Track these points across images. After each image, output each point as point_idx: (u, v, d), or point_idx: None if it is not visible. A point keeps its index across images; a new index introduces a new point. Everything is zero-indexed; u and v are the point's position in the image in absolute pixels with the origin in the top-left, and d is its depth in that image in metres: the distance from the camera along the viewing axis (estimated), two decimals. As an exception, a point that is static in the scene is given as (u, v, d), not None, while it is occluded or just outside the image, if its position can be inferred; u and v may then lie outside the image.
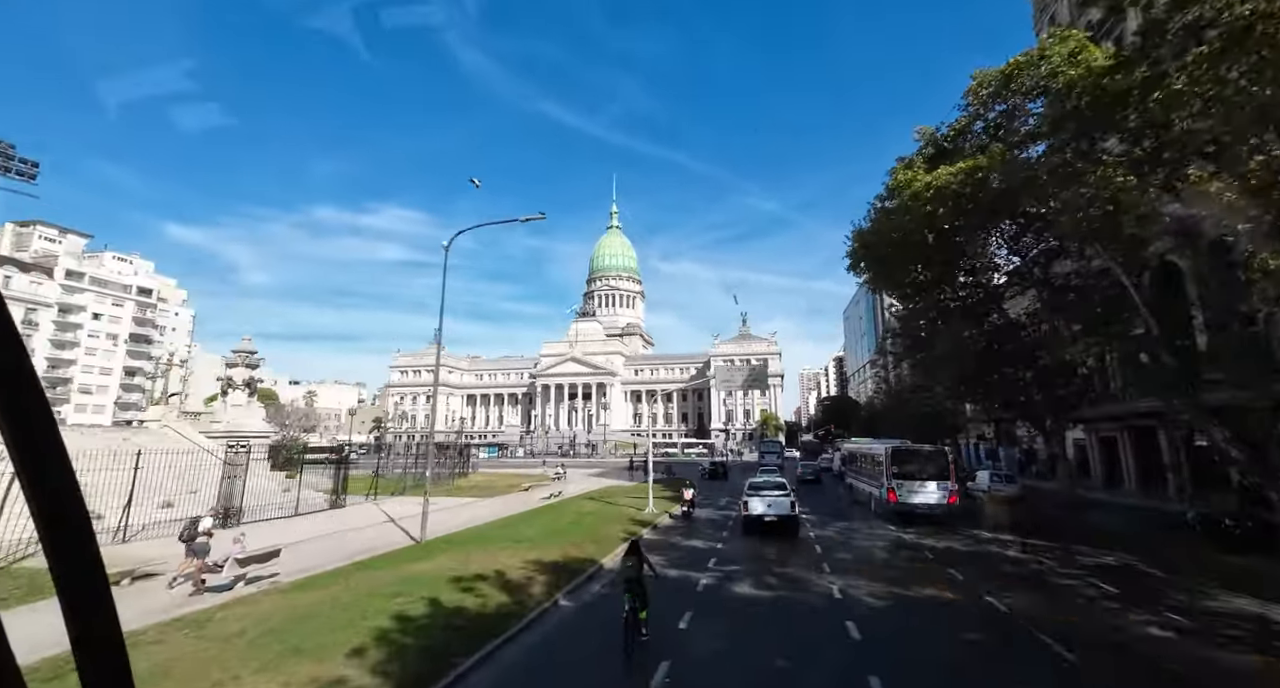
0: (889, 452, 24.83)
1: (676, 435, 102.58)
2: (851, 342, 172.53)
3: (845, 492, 33.42)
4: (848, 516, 25.81)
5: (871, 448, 28.01)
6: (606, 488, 34.12)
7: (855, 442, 33.60)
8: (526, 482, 35.82)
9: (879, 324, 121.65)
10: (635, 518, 22.06)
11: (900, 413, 43.66)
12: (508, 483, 35.62)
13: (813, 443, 72.35)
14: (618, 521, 21.43)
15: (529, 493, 29.93)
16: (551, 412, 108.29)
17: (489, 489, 32.23)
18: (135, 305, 77.47)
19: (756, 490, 19.93)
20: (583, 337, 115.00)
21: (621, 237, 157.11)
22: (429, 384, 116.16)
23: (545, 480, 36.93)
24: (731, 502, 27.20)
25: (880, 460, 25.56)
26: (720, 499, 29.75)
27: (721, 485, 37.03)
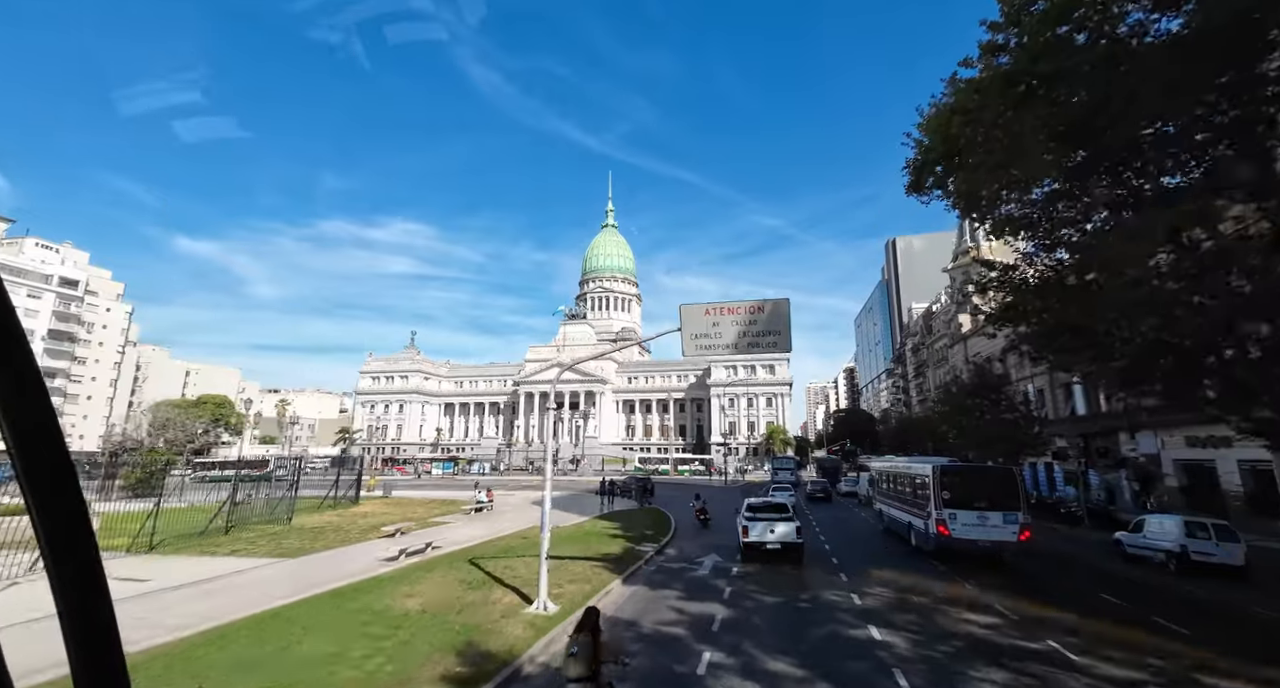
0: (936, 473, 19.71)
1: (674, 450, 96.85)
2: (863, 351, 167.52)
3: (875, 519, 28.13)
4: (881, 552, 21.20)
5: (911, 468, 22.67)
6: (527, 533, 21.32)
7: (888, 461, 28.03)
8: (436, 510, 28.50)
9: (896, 330, 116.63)
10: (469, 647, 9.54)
11: (946, 424, 37.22)
12: (398, 516, 25.25)
13: (830, 460, 65.53)
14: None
15: (391, 541, 19.10)
16: (535, 423, 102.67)
17: (339, 534, 21.29)
18: (57, 299, 72.07)
19: (756, 513, 18.96)
20: (571, 341, 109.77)
21: (617, 235, 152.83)
22: (403, 392, 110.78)
23: (457, 509, 28.73)
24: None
25: (924, 483, 20.45)
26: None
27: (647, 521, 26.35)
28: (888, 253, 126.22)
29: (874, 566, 18.20)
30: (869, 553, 20.87)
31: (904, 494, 23.36)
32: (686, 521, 26.28)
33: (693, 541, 21.95)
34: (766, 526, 17.81)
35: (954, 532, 18.76)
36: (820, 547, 21.41)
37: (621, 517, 27.32)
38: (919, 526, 20.81)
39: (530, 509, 29.45)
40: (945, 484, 19.43)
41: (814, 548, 20.87)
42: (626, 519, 26.36)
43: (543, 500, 13.10)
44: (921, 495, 20.85)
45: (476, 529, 22.86)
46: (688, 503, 31.13)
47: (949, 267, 71.77)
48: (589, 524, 24.83)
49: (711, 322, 11.25)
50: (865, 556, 20.15)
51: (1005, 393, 28.26)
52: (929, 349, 78.67)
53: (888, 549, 21.76)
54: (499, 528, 23.07)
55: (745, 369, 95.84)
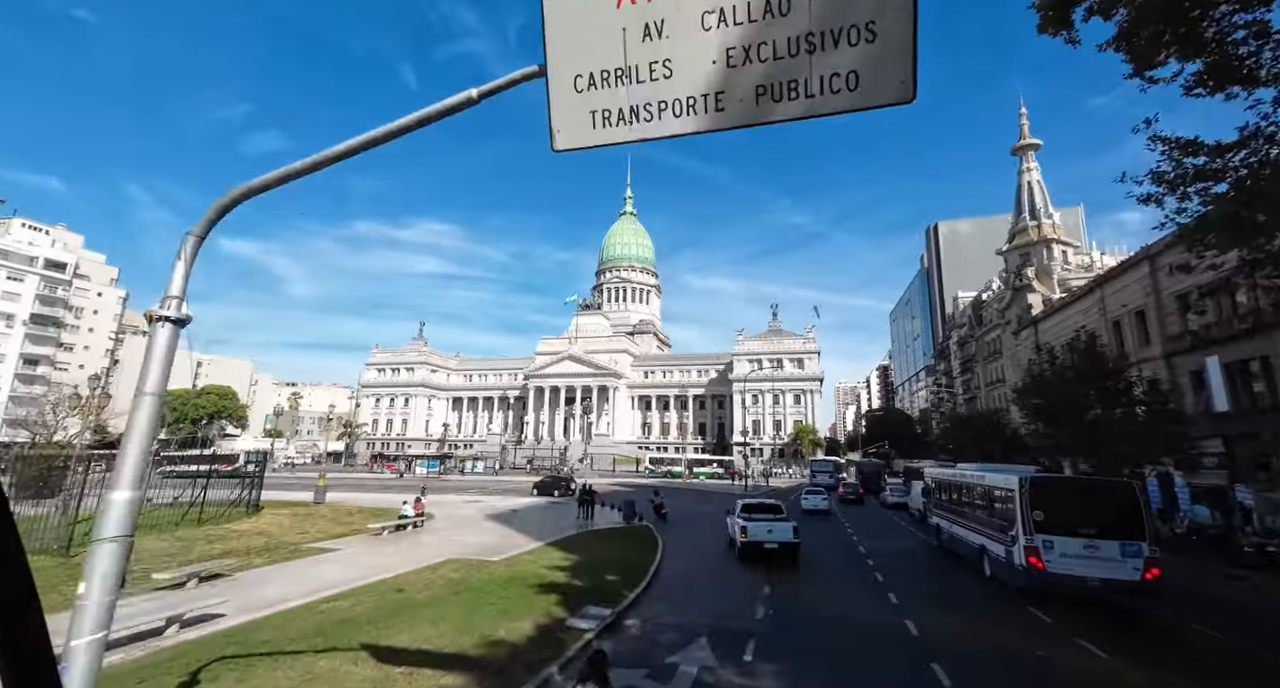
0: (1025, 486, 15.34)
1: (692, 450, 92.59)
2: (899, 347, 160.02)
3: (921, 530, 23.59)
4: (946, 582, 17.26)
5: (985, 478, 18.07)
6: (432, 576, 14.48)
7: (949, 468, 23.06)
8: (346, 526, 21.77)
9: (937, 323, 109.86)
10: None
11: (1032, 420, 30.75)
12: (276, 535, 19.64)
13: (871, 464, 59.40)
14: None
15: (149, 600, 11.68)
16: (545, 419, 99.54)
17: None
18: (41, 281, 71.08)
19: (752, 514, 18.90)
20: (584, 332, 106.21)
21: (635, 223, 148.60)
22: (408, 385, 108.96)
23: (382, 523, 21.37)
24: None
25: (1005, 498, 16.13)
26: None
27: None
28: (929, 239, 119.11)
29: (944, 607, 13.84)
30: (928, 582, 16.60)
31: (973, 510, 18.85)
32: (681, 551, 18.99)
33: (679, 600, 13.34)
34: (764, 525, 17.82)
35: (1050, 564, 14.33)
36: (869, 574, 17.11)
37: (587, 544, 19.56)
38: (996, 552, 16.39)
39: (480, 527, 23.20)
40: (1038, 501, 14.96)
41: (863, 574, 16.76)
42: (591, 549, 18.54)
43: (510, 512, 10.24)
44: (1001, 514, 16.41)
45: (356, 567, 15.19)
46: (695, 517, 26.95)
47: (1004, 248, 65.74)
48: (531, 556, 17.14)
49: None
50: (929, 589, 15.81)
51: (1126, 378, 21.98)
52: (979, 342, 72.52)
53: (954, 579, 17.44)
54: (397, 564, 15.55)
55: (771, 363, 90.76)
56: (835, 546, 22.18)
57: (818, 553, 20.09)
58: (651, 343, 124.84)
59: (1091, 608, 14.05)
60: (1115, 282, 28.16)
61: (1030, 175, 64.60)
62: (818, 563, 18.50)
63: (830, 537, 24.38)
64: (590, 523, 24.78)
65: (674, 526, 25.20)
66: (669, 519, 26.39)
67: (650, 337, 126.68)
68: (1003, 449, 32.47)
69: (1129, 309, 26.81)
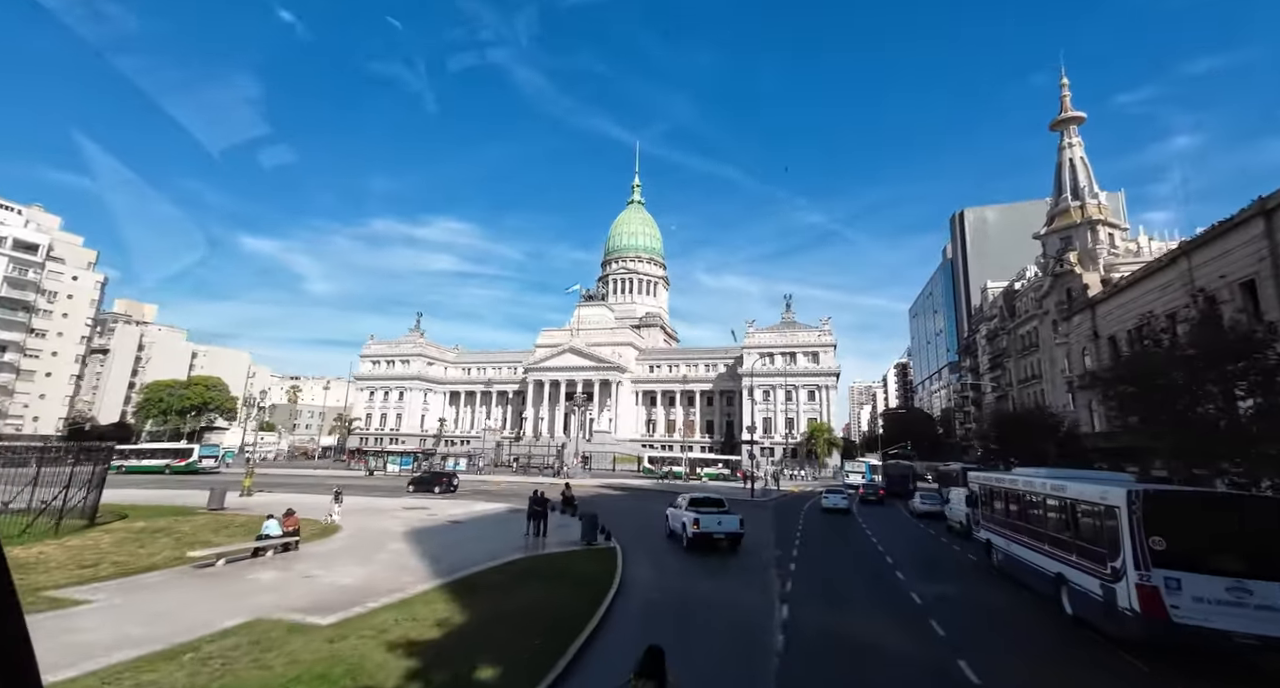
0: (1136, 502, 11.33)
1: (699, 449, 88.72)
2: (919, 344, 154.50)
3: (981, 557, 19.66)
4: (1011, 624, 13.38)
5: (1067, 489, 13.97)
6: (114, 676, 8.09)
7: (1016, 475, 18.55)
8: (175, 552, 15.73)
9: (962, 317, 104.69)
10: None
11: (1119, 413, 25.42)
12: (41, 571, 13.81)
13: (899, 466, 53.30)
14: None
15: None
16: (545, 414, 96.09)
17: None
18: (9, 263, 68.51)
19: (700, 508, 19.90)
20: (587, 324, 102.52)
21: (643, 212, 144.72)
22: (403, 378, 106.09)
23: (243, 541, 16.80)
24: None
25: (1102, 515, 12.31)
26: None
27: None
28: (953, 228, 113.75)
29: (1006, 647, 10.05)
30: (985, 618, 12.60)
31: (1044, 528, 14.83)
32: (649, 595, 13.95)
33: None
34: (714, 518, 19.08)
35: (1179, 613, 10.40)
36: (908, 607, 13.17)
37: (509, 583, 14.02)
38: (1085, 587, 12.48)
39: (377, 551, 17.31)
40: (1157, 524, 11.03)
41: (902, 607, 12.71)
42: (508, 593, 13.10)
43: (446, 525, 11.81)
44: (1093, 536, 12.48)
45: (62, 647, 8.93)
46: (666, 534, 21.57)
47: (1041, 232, 60.91)
48: (395, 614, 11.30)
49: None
50: (984, 626, 11.87)
51: (1269, 359, 16.10)
52: (1011, 335, 67.76)
53: (1015, 612, 13.77)
54: (152, 633, 9.75)
55: (784, 357, 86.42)
56: (871, 579, 18.28)
57: (846, 580, 16.29)
58: (658, 337, 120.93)
59: (1219, 662, 10.18)
60: (1209, 248, 23.52)
61: (1072, 152, 59.66)
62: (851, 596, 14.66)
63: (865, 567, 20.48)
64: (542, 542, 19.32)
65: (646, 545, 20.13)
66: (643, 539, 21.00)
67: (657, 330, 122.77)
68: (1060, 451, 28.15)
69: (1230, 280, 22.20)
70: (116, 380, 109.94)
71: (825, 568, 17.70)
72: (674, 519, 21.09)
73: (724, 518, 19.10)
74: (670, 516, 21.82)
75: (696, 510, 19.24)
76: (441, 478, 37.31)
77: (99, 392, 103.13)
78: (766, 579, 15.58)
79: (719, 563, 17.79)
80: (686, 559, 18.08)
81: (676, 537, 20.50)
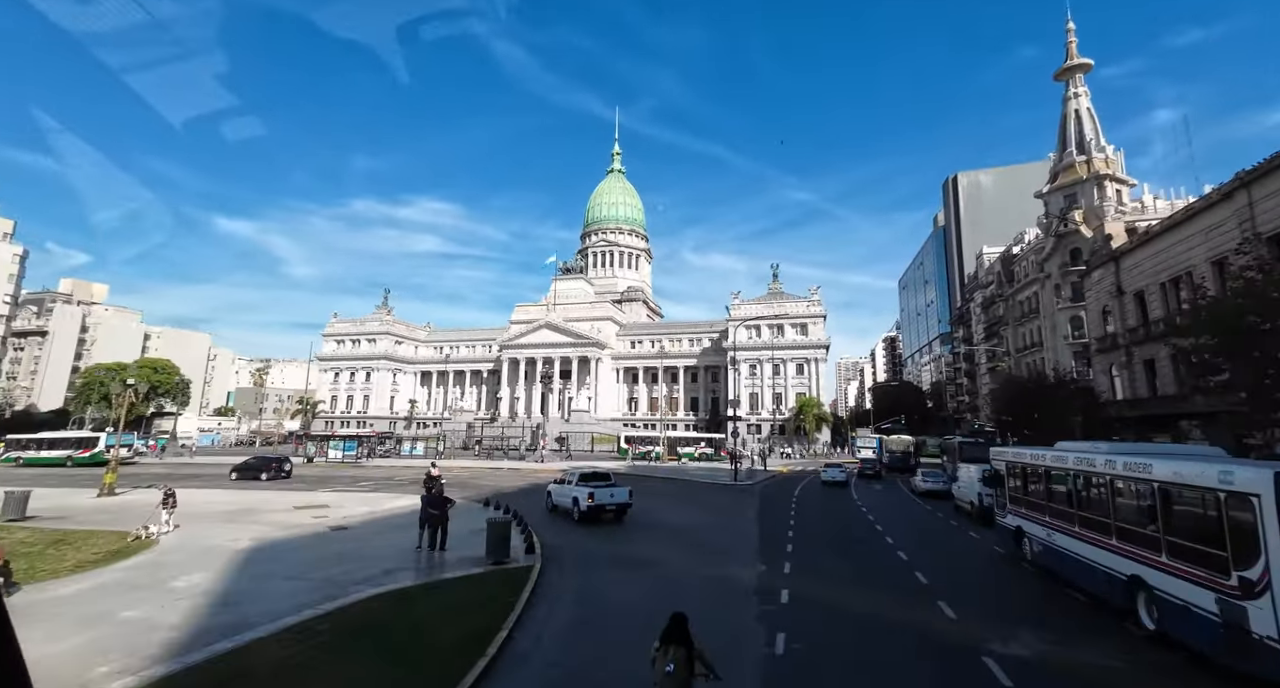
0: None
1: (683, 427, 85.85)
2: (908, 318, 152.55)
3: (1010, 547, 16.49)
4: (1066, 636, 10.42)
5: (1151, 468, 10.39)
6: None
7: (1065, 451, 14.40)
8: None
9: (955, 286, 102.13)
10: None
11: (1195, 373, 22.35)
12: None
13: (901, 441, 50.72)
14: None
15: None
16: (521, 394, 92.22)
17: None
18: None
19: (589, 482, 20.88)
20: (565, 298, 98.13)
21: (624, 182, 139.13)
22: (370, 357, 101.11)
23: None
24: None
25: (1227, 505, 8.48)
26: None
27: None
28: (946, 195, 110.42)
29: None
30: (1025, 623, 9.24)
31: (1107, 516, 11.51)
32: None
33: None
34: (607, 491, 20.30)
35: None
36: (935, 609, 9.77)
37: (313, 663, 8.48)
38: (1186, 598, 9.33)
39: (172, 581, 12.43)
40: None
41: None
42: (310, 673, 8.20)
43: (321, 535, 12.71)
44: (1200, 531, 9.22)
45: None
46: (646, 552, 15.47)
47: (1043, 190, 57.62)
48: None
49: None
50: (1032, 639, 8.54)
51: None
52: (1009, 302, 65.09)
53: (1062, 616, 10.82)
54: None
55: (771, 330, 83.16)
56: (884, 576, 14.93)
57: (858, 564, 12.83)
58: (641, 311, 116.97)
59: None
60: (1270, 180, 19.97)
61: (1078, 102, 56.06)
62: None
63: (883, 578, 17.17)
64: (437, 559, 14.58)
65: (588, 560, 15.01)
66: (588, 548, 16.38)
67: (640, 305, 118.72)
68: (1088, 421, 25.11)
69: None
70: (57, 364, 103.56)
71: (830, 585, 13.15)
72: (560, 495, 21.64)
73: (615, 491, 20.51)
74: (554, 492, 22.29)
75: (591, 486, 20.36)
76: (271, 464, 33.36)
77: (38, 377, 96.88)
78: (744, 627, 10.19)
79: (693, 598, 13.74)
80: (633, 588, 12.52)
81: (563, 512, 21.10)
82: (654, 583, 12.98)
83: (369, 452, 45.34)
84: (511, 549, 14.95)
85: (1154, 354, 25.97)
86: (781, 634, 9.73)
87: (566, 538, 17.79)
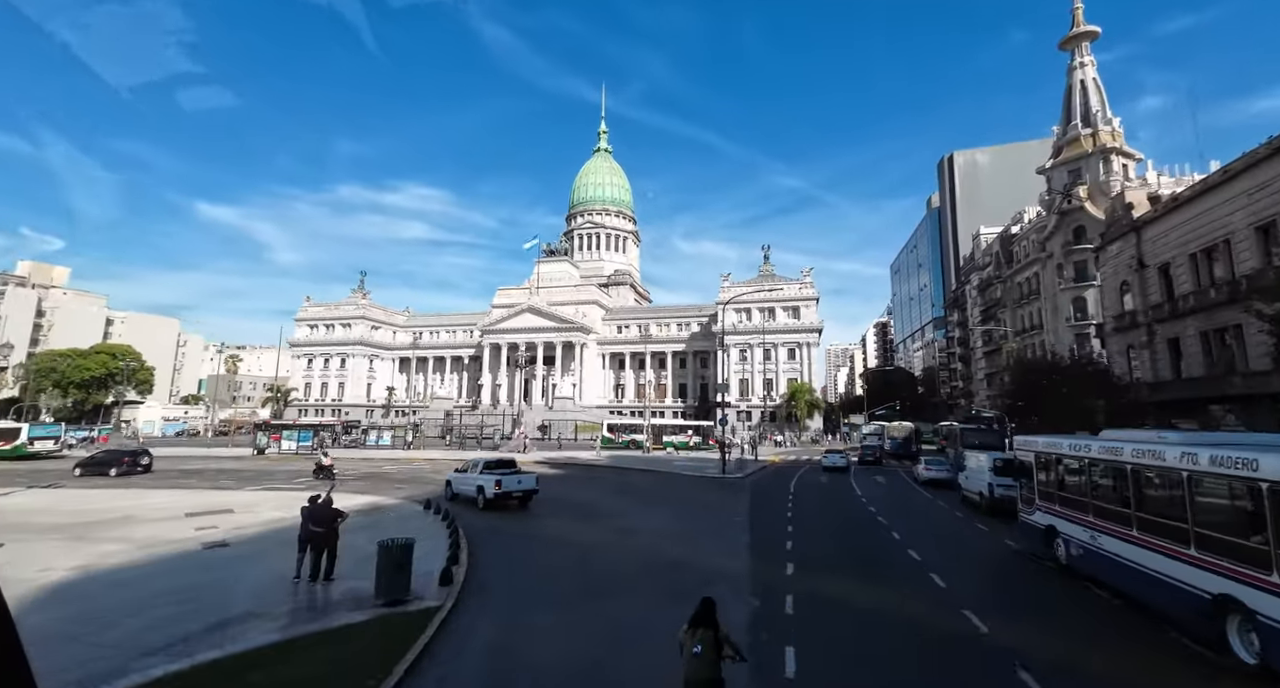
0: None
1: (671, 415, 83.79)
2: (900, 302, 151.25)
3: (1035, 547, 14.48)
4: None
5: (1265, 467, 8.01)
6: None
7: (1115, 442, 11.90)
8: None
9: (950, 269, 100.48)
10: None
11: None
12: None
13: (903, 427, 50.06)
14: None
15: None
16: (504, 381, 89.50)
17: None
18: None
19: (495, 470, 21.18)
20: (548, 281, 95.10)
21: (611, 161, 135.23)
22: (345, 343, 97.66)
23: None
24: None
25: None
26: None
27: None
28: (941, 175, 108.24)
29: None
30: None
31: (1182, 520, 9.32)
32: None
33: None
34: (514, 478, 20.83)
35: None
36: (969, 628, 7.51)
37: None
38: None
39: None
40: None
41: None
42: None
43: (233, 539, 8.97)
44: None
45: None
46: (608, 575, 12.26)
47: (1046, 165, 55.53)
48: None
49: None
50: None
51: None
52: (1007, 284, 63.31)
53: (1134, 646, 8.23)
54: None
55: (762, 313, 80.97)
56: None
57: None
58: (628, 296, 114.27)
59: None
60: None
61: (1084, 72, 53.78)
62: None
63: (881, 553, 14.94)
64: (318, 595, 11.00)
65: (527, 593, 11.55)
66: (528, 574, 12.88)
67: (627, 289, 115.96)
68: (1112, 408, 23.05)
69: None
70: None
71: (844, 625, 10.11)
72: (464, 483, 21.61)
73: (522, 478, 21.02)
74: (456, 480, 22.25)
75: (496, 473, 20.61)
76: (123, 458, 29.35)
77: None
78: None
79: (668, 655, 10.80)
80: (576, 643, 9.04)
81: (466, 500, 21.02)
82: (608, 633, 9.37)
83: (322, 443, 42.01)
84: (419, 579, 10.91)
85: (1179, 333, 23.95)
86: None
87: (505, 554, 14.26)
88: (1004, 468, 21.06)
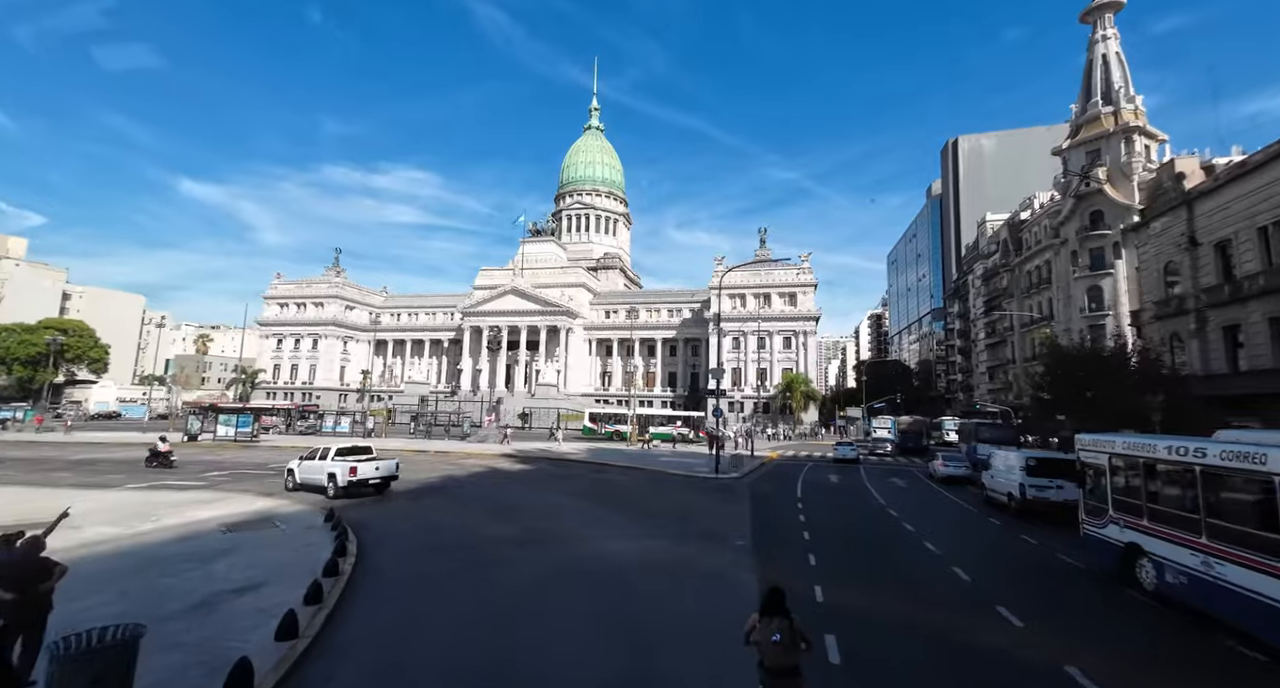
0: None
1: (660, 404, 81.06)
2: (897, 293, 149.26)
3: (1106, 564, 11.79)
4: None
5: None
6: None
7: (1246, 446, 9.10)
8: None
9: (951, 259, 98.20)
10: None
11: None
12: None
13: (913, 421, 50.11)
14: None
15: None
16: (485, 366, 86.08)
17: None
18: None
19: (352, 456, 20.56)
20: (533, 262, 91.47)
21: (602, 140, 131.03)
22: (317, 323, 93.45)
23: None
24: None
25: None
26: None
27: None
28: (944, 161, 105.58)
29: None
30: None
31: None
32: None
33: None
34: (372, 465, 20.03)
35: None
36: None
37: None
38: None
39: None
40: None
41: None
42: None
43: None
44: None
45: None
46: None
47: (1062, 146, 52.88)
48: None
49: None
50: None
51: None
52: (1015, 272, 60.94)
53: None
54: None
55: (757, 299, 78.13)
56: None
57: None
58: (618, 280, 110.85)
59: None
60: None
61: (1106, 46, 50.96)
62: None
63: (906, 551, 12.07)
64: None
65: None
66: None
67: (617, 273, 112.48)
68: (1173, 403, 20.32)
69: None
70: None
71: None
72: (313, 472, 20.20)
73: (381, 464, 20.28)
74: (303, 468, 20.53)
75: (351, 460, 19.85)
76: None
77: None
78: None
79: None
80: None
81: (313, 488, 19.80)
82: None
83: (257, 431, 37.44)
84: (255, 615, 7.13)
85: (1240, 319, 21.29)
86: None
87: (390, 599, 9.51)
88: (1038, 468, 18.72)
